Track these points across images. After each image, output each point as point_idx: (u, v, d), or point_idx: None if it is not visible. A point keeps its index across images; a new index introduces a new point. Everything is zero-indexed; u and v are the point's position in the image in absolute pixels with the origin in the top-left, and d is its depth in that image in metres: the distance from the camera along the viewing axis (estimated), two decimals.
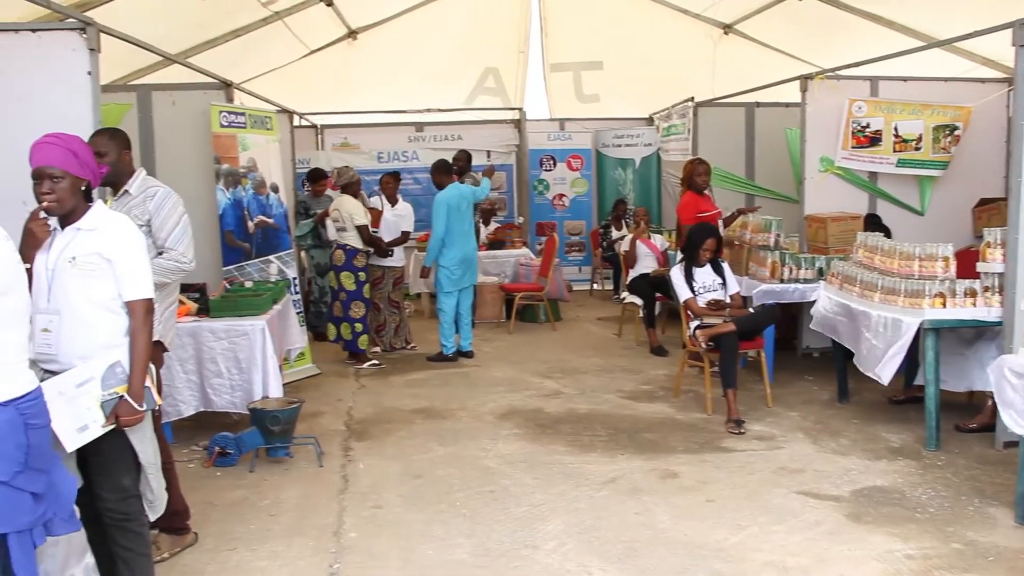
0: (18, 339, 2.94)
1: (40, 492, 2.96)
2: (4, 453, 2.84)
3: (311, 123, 12.82)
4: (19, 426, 2.87)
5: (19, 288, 2.93)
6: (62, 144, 3.43)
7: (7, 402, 2.86)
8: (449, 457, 5.94)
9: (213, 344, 5.99)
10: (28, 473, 2.90)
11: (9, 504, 2.86)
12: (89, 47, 4.67)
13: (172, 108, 7.38)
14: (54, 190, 3.38)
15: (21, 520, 2.89)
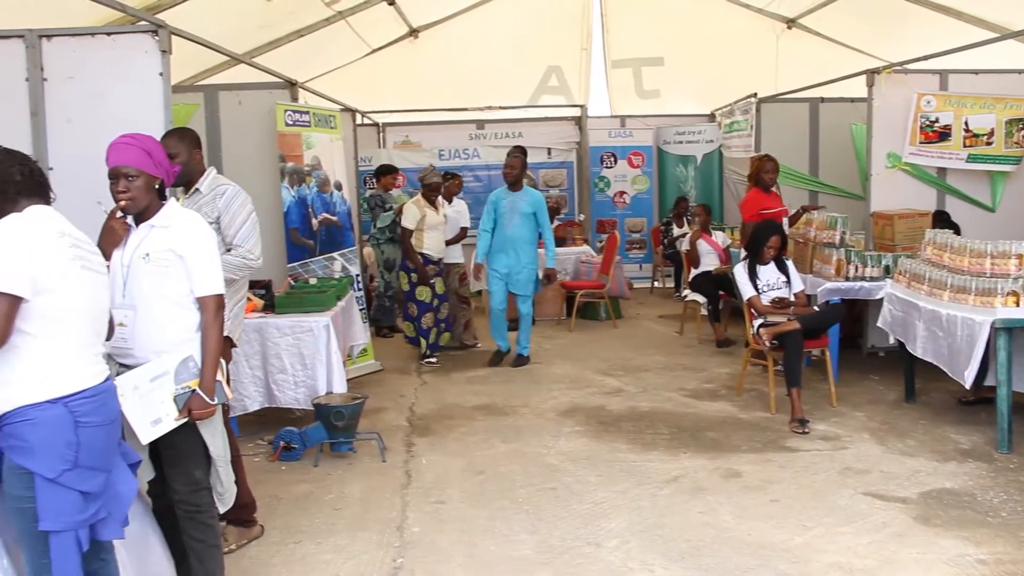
0: (71, 337, 2.97)
1: (92, 491, 2.97)
2: (52, 450, 2.87)
3: (373, 121, 12.93)
4: (68, 424, 2.89)
5: (71, 286, 2.96)
6: (137, 144, 3.51)
7: (56, 399, 2.89)
8: (511, 453, 5.95)
9: (278, 340, 6.08)
10: (78, 471, 2.91)
11: (56, 502, 2.87)
12: (161, 49, 4.76)
13: (238, 108, 7.50)
14: (129, 188, 3.47)
15: (67, 519, 2.90)
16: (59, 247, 2.95)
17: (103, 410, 3.03)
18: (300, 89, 7.96)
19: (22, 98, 4.83)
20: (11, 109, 4.82)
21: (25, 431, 2.84)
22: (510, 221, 8.46)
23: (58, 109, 4.86)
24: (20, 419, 2.85)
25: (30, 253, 2.85)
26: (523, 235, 8.50)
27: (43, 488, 2.85)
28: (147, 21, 4.93)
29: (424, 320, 8.62)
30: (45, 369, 2.89)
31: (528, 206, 8.47)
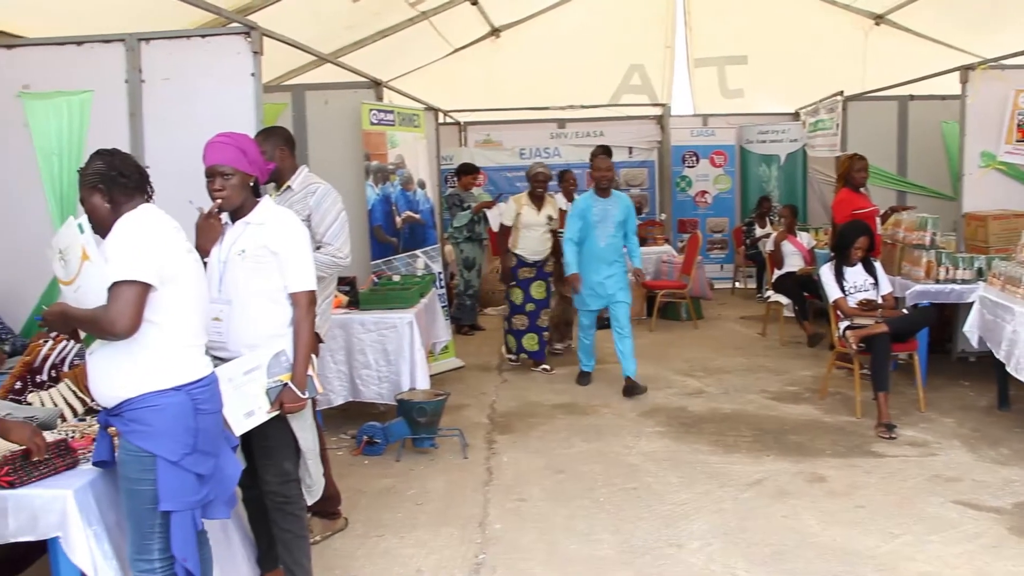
0: (189, 326, 3.10)
1: (206, 474, 3.10)
2: (174, 435, 2.99)
3: (455, 120, 13.02)
4: (189, 410, 3.03)
5: (187, 278, 3.08)
6: (232, 143, 3.60)
7: (179, 387, 3.02)
8: (592, 453, 5.95)
9: (362, 336, 6.17)
10: (196, 455, 3.05)
11: (176, 483, 3.00)
12: (253, 50, 4.87)
13: (324, 107, 7.64)
14: (224, 187, 3.56)
15: (186, 500, 3.03)
16: (177, 239, 3.09)
17: (215, 398, 3.18)
18: (384, 88, 8.05)
19: (122, 99, 4.99)
20: (112, 110, 4.98)
21: (150, 416, 2.96)
22: (603, 232, 7.51)
23: (155, 109, 5.00)
24: (144, 405, 2.97)
25: (156, 245, 2.97)
26: (615, 246, 7.58)
27: (164, 471, 2.98)
28: (239, 23, 5.04)
29: (515, 321, 8.32)
30: (168, 358, 3.02)
31: (621, 213, 7.55)
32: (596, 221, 7.48)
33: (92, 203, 3.10)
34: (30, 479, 3.00)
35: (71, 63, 5.09)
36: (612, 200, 7.57)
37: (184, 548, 3.03)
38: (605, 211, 7.50)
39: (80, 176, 3.15)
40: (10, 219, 5.14)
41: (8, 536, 2.97)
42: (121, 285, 2.88)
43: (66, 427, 3.55)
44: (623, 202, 7.66)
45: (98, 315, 2.90)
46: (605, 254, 7.53)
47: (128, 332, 2.89)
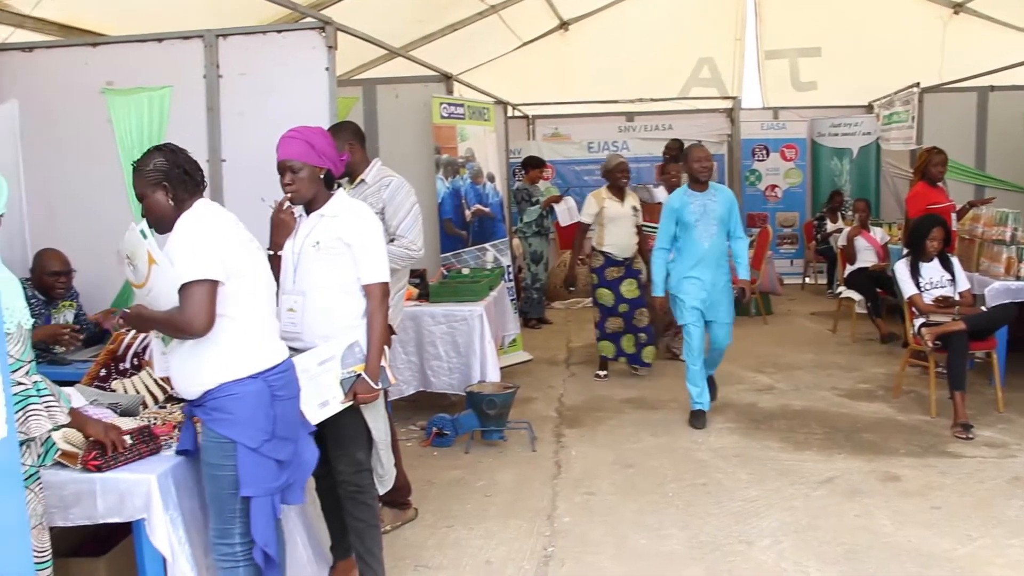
0: (261, 315, 3.17)
1: (285, 460, 3.17)
2: (254, 422, 3.06)
3: (523, 114, 13.02)
4: (267, 398, 3.09)
5: (252, 268, 3.14)
6: (300, 137, 3.65)
7: (256, 374, 3.08)
8: (660, 448, 5.92)
9: (433, 328, 6.22)
10: (275, 441, 3.11)
11: (256, 469, 3.07)
12: (327, 45, 4.93)
13: (395, 100, 7.71)
14: (294, 181, 3.61)
15: (265, 486, 3.10)
16: (237, 232, 3.15)
17: (292, 385, 3.24)
18: (454, 82, 8.09)
19: (200, 94, 5.09)
20: (190, 104, 5.08)
21: (230, 404, 3.04)
22: (704, 231, 6.37)
23: (231, 104, 5.09)
24: (225, 394, 3.04)
25: (218, 241, 3.04)
26: (719, 247, 6.47)
27: (245, 457, 3.05)
28: (314, 18, 5.11)
29: (608, 324, 7.78)
30: (243, 347, 3.08)
31: (721, 206, 6.44)
32: (695, 220, 6.39)
33: (154, 199, 3.13)
34: (116, 464, 3.10)
35: (152, 60, 5.21)
36: (710, 193, 6.48)
37: (264, 533, 3.10)
38: (704, 207, 6.42)
39: (138, 171, 3.16)
40: (93, 212, 5.28)
41: (97, 517, 3.08)
42: (191, 285, 2.95)
43: (148, 413, 3.65)
44: (723, 195, 6.56)
45: (174, 317, 2.98)
46: (710, 257, 6.40)
47: (204, 330, 2.97)
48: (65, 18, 6.09)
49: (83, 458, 3.07)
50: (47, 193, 5.28)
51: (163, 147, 3.20)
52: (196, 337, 2.99)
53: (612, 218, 7.64)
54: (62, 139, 5.28)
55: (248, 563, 3.17)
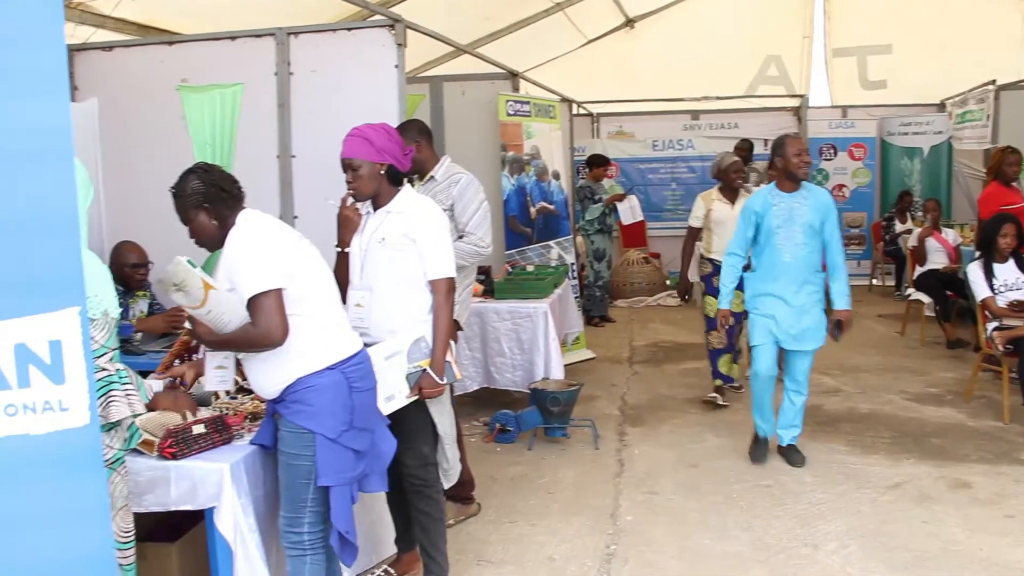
0: (328, 308, 3.22)
1: (362, 449, 3.22)
2: (332, 413, 3.12)
3: (587, 111, 13.01)
4: (344, 388, 3.14)
5: (308, 265, 3.18)
6: (359, 135, 3.68)
7: (333, 366, 3.14)
8: (724, 448, 5.88)
9: (497, 324, 6.25)
10: (353, 432, 3.16)
11: (334, 459, 3.12)
12: (397, 42, 4.97)
13: (461, 98, 7.74)
14: (355, 178, 3.66)
15: (343, 475, 3.15)
16: (287, 235, 3.20)
17: (369, 376, 3.30)
18: (520, 79, 8.11)
19: (271, 91, 5.17)
20: (262, 101, 5.17)
21: (309, 396, 3.10)
22: (787, 239, 5.37)
23: (302, 101, 5.16)
24: (304, 387, 3.10)
25: (273, 248, 3.09)
26: (807, 260, 5.41)
27: (323, 447, 3.10)
28: (384, 16, 5.15)
29: (711, 339, 6.99)
30: (317, 341, 3.13)
31: (813, 211, 5.36)
32: (776, 225, 5.39)
33: (199, 222, 3.18)
34: (190, 452, 3.17)
35: (225, 57, 5.31)
36: (801, 195, 5.40)
37: (343, 520, 3.16)
38: (791, 211, 5.37)
39: (178, 197, 3.21)
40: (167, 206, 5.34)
41: (171, 504, 3.15)
42: (259, 298, 3.00)
43: (220, 404, 3.73)
44: (818, 198, 5.44)
45: (249, 332, 3.04)
46: (792, 273, 5.41)
47: (283, 338, 3.03)
48: (143, 18, 6.25)
49: (159, 446, 3.15)
50: (123, 187, 5.40)
51: (196, 168, 3.24)
52: (276, 347, 3.04)
53: (720, 222, 6.89)
54: (138, 135, 5.40)
55: (315, 551, 3.21)
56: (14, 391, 2.38)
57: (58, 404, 2.41)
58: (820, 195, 5.47)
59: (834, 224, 5.41)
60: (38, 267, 2.37)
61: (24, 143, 2.33)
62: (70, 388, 2.42)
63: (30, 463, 2.40)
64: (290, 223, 4.93)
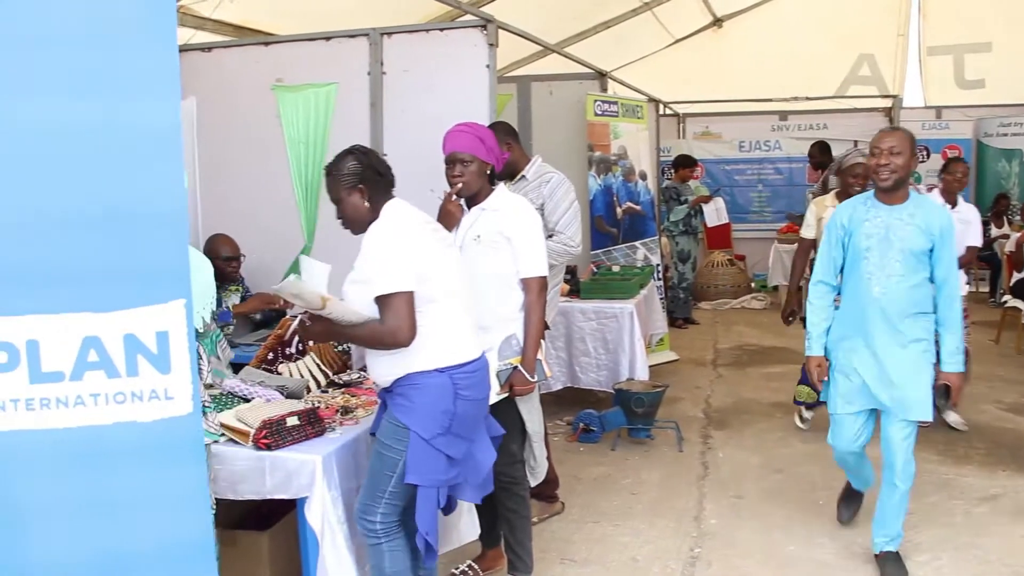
0: (455, 313, 3.22)
1: (456, 457, 3.20)
2: (431, 414, 3.12)
3: (673, 112, 12.91)
4: (449, 393, 3.14)
5: (442, 268, 3.20)
6: (471, 132, 3.73)
7: (442, 369, 3.14)
8: (811, 454, 5.79)
9: (583, 324, 6.25)
10: (449, 437, 3.15)
11: (424, 460, 3.12)
12: (488, 42, 4.99)
13: (549, 98, 7.74)
14: (464, 173, 3.70)
15: (431, 477, 3.15)
16: (425, 234, 3.21)
17: (479, 387, 3.27)
18: (608, 79, 8.09)
19: (364, 90, 5.23)
20: (355, 100, 5.24)
21: (412, 393, 3.13)
22: (880, 267, 4.02)
23: (394, 100, 5.22)
24: (409, 383, 3.14)
25: (409, 249, 3.11)
26: (907, 297, 4.02)
27: (416, 446, 3.12)
28: (476, 16, 5.19)
29: (801, 393, 6.28)
30: (433, 342, 3.14)
31: (919, 233, 3.97)
32: (867, 247, 4.03)
33: (351, 202, 3.21)
34: (284, 443, 3.24)
35: (319, 57, 5.39)
36: (906, 210, 4.00)
37: (427, 522, 3.16)
38: (887, 229, 4.00)
39: (332, 175, 3.23)
40: (261, 202, 5.51)
41: (265, 493, 3.23)
42: (390, 298, 3.03)
43: (312, 397, 3.81)
44: (929, 216, 4.00)
45: (377, 329, 3.08)
46: (884, 313, 4.02)
47: (410, 339, 3.06)
48: (240, 20, 6.41)
49: (254, 436, 3.23)
50: (219, 183, 5.53)
51: (354, 150, 3.27)
52: (402, 347, 3.07)
53: None
54: (234, 133, 5.52)
55: (390, 538, 3.22)
56: (123, 379, 2.47)
57: (164, 393, 2.50)
58: (933, 213, 3.99)
59: (950, 255, 3.97)
60: (147, 261, 2.46)
61: (137, 142, 2.42)
62: (175, 378, 2.51)
63: (136, 449, 2.49)
64: None
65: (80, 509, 2.44)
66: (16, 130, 2.34)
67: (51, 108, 2.35)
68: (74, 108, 2.36)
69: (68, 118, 2.36)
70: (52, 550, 2.44)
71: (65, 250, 2.38)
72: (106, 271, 2.42)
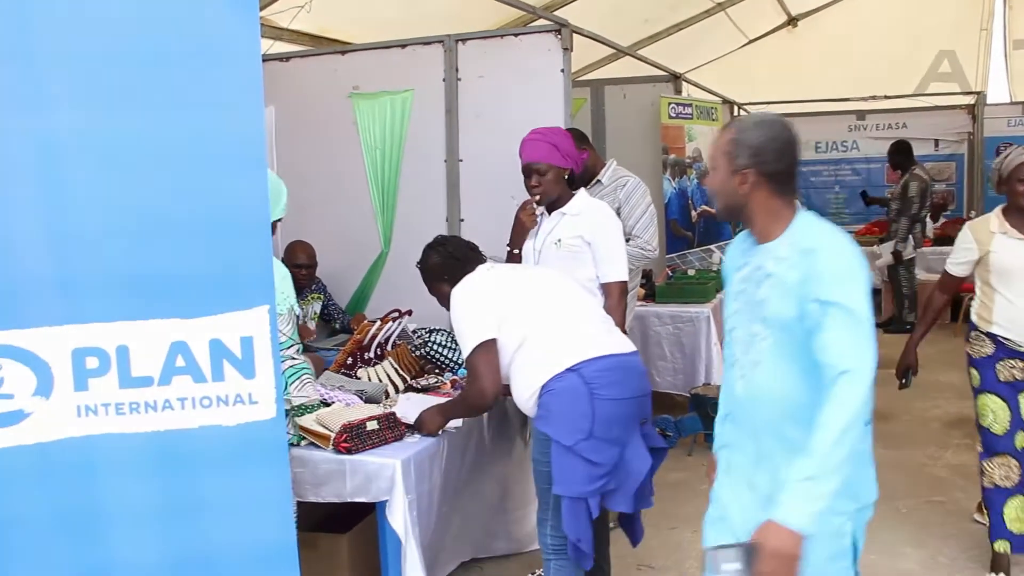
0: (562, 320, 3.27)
1: (603, 462, 3.08)
2: (570, 419, 3.05)
3: (747, 113, 12.74)
4: (584, 394, 3.06)
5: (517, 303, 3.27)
6: (544, 139, 3.74)
7: (571, 368, 3.10)
8: (892, 461, 5.65)
9: (659, 328, 6.21)
10: (592, 442, 3.04)
11: (569, 468, 3.04)
12: (563, 47, 5.00)
13: (622, 101, 7.73)
14: (540, 183, 3.72)
15: (579, 487, 3.05)
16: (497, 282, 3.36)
17: (616, 386, 3.13)
18: (682, 82, 8.03)
19: (439, 97, 5.27)
20: (430, 107, 5.28)
21: (548, 401, 3.10)
22: (740, 340, 2.55)
23: (469, 106, 5.24)
24: (545, 391, 3.12)
25: (482, 297, 3.27)
26: (779, 393, 2.41)
27: (559, 454, 3.05)
28: (550, 20, 5.20)
29: (993, 468, 4.17)
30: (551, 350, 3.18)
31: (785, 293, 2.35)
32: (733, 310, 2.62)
33: (442, 292, 3.44)
34: (364, 447, 3.28)
35: (395, 65, 5.44)
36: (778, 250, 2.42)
37: (575, 529, 3.07)
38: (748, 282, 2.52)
39: (423, 271, 3.54)
40: (339, 208, 5.58)
41: (346, 495, 3.27)
42: (471, 359, 3.15)
43: (390, 402, 3.84)
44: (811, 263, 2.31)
45: (465, 398, 3.29)
46: (746, 415, 2.57)
47: (495, 394, 3.19)
48: (317, 29, 6.51)
49: (335, 440, 3.27)
50: (297, 190, 5.58)
51: (435, 244, 3.51)
52: (489, 401, 3.20)
53: (1008, 271, 3.98)
54: (312, 141, 5.61)
55: (558, 556, 3.22)
56: (209, 384, 2.53)
57: (248, 397, 2.55)
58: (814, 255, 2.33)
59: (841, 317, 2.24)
60: (232, 267, 2.51)
61: (223, 151, 2.47)
62: (259, 383, 2.55)
63: (221, 452, 2.54)
64: (456, 226, 5.06)
65: (165, 511, 2.50)
66: (109, 142, 2.41)
67: (143, 120, 2.42)
68: (163, 119, 2.43)
69: (157, 129, 2.42)
70: (137, 551, 2.50)
71: (154, 258, 2.45)
72: (193, 278, 2.47)
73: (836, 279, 2.25)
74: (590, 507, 3.08)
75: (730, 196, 2.46)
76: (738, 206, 2.47)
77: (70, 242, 2.41)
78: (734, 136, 2.43)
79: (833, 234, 2.39)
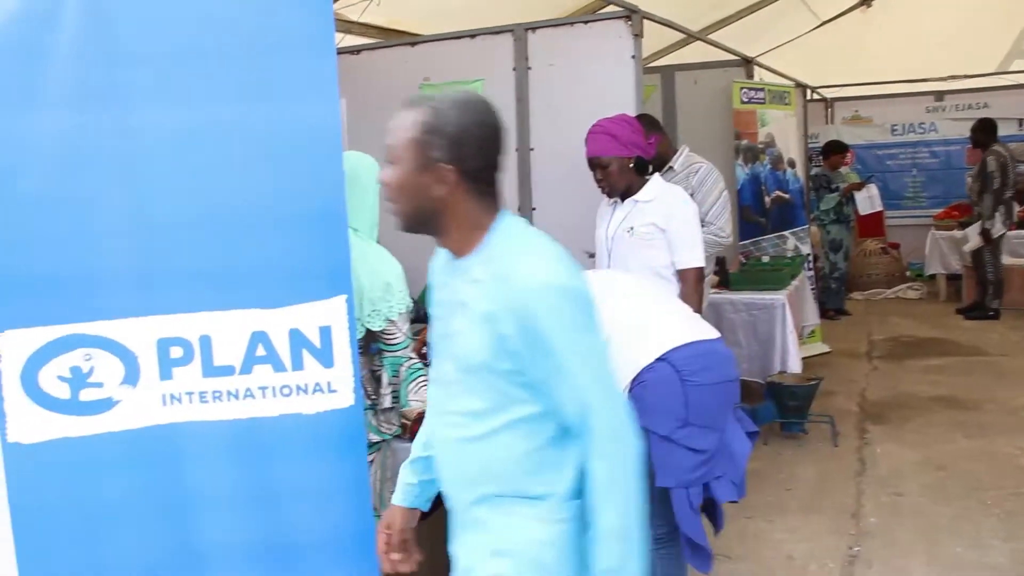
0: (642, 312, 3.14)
1: (704, 449, 2.97)
2: (664, 408, 2.93)
3: (821, 97, 12.52)
4: (675, 381, 2.94)
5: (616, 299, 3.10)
6: (602, 131, 3.73)
7: (660, 357, 2.98)
8: (976, 451, 5.53)
9: (733, 316, 6.12)
10: (690, 429, 2.92)
11: (669, 458, 2.94)
12: (633, 33, 4.95)
13: (693, 87, 7.62)
14: (604, 176, 3.71)
15: (681, 476, 2.95)
16: None
17: (709, 371, 3.00)
18: (753, 66, 7.91)
19: (509, 86, 5.27)
20: (501, 96, 5.26)
21: (639, 392, 2.97)
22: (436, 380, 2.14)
23: (540, 95, 5.23)
24: (636, 384, 2.99)
25: None
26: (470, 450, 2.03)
27: (657, 445, 2.93)
28: (620, 7, 5.16)
29: None
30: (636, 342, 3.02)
31: (480, 325, 1.89)
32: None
33: None
34: None
35: (465, 55, 5.45)
36: (472, 269, 1.96)
37: (686, 523, 2.98)
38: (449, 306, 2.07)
39: None
40: None
41: None
42: None
43: None
44: (511, 285, 1.85)
45: None
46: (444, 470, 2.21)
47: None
48: (386, 22, 6.55)
49: (411, 429, 3.30)
50: None
51: None
52: None
53: None
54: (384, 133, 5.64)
55: (661, 548, 3.10)
56: (288, 373, 2.58)
57: (327, 386, 2.59)
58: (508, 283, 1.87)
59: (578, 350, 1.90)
60: (310, 258, 2.56)
61: (300, 143, 2.52)
62: (338, 371, 2.59)
63: (301, 440, 2.60)
64: (528, 215, 5.06)
65: (246, 498, 2.56)
66: (189, 136, 2.46)
67: (221, 114, 2.47)
68: (242, 113, 2.48)
69: (237, 123, 2.48)
70: (219, 536, 2.57)
71: (235, 249, 2.50)
72: (272, 268, 2.52)
73: (543, 316, 1.84)
74: (692, 497, 2.97)
75: (417, 199, 1.99)
76: (429, 212, 1.98)
77: (154, 234, 2.47)
78: (427, 119, 1.95)
79: (535, 252, 1.92)
